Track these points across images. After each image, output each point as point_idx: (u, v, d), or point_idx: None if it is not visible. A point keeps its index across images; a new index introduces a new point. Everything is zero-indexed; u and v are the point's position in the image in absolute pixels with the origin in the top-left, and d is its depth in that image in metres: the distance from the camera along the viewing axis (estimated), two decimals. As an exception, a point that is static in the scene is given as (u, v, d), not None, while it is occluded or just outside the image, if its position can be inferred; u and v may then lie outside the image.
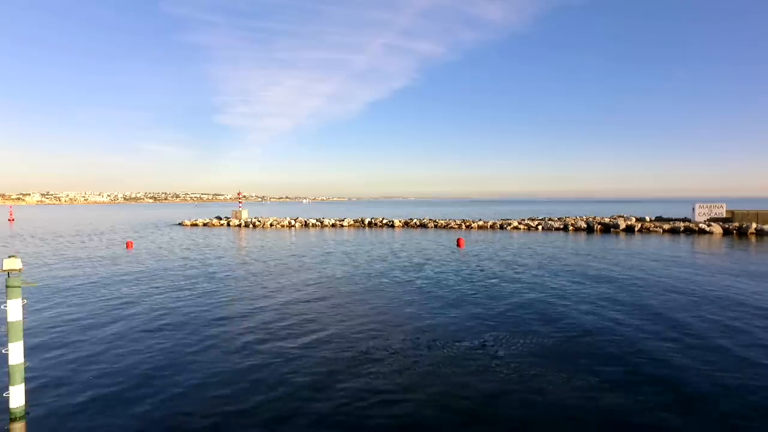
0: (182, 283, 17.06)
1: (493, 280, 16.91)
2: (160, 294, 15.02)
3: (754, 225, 34.99)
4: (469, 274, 18.42)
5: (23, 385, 6.54)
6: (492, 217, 58.84)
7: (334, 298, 14.15)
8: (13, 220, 71.78)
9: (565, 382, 7.65)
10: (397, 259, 22.92)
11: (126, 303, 13.80)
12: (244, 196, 61.21)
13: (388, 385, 7.64)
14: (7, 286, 6.39)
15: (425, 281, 16.85)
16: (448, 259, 22.82)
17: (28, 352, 8.02)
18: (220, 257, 24.74)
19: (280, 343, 9.80)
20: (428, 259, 22.80)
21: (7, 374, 6.51)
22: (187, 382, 7.78)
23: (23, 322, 6.65)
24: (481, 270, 19.35)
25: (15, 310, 6.44)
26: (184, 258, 24.37)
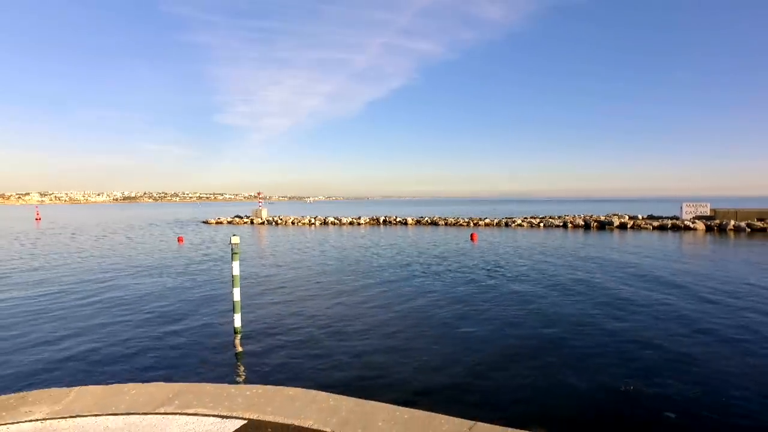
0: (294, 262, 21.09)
1: (510, 265, 20.99)
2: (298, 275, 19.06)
3: (732, 222, 39.20)
4: (486, 260, 22.51)
5: (240, 313, 10.59)
6: (497, 215, 62.99)
7: (405, 281, 18.22)
8: (39, 219, 75.47)
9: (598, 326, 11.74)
10: (428, 250, 27.01)
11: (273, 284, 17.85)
12: (265, 197, 64.85)
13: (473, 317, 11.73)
14: (232, 253, 10.42)
15: (456, 265, 20.93)
16: (466, 251, 26.91)
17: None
18: (302, 251, 28.71)
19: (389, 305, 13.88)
20: (449, 251, 26.89)
21: (232, 306, 10.57)
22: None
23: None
24: (496, 258, 23.43)
25: (236, 267, 10.47)
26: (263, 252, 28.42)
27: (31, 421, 4.81)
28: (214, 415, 4.84)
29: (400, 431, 4.45)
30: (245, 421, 4.72)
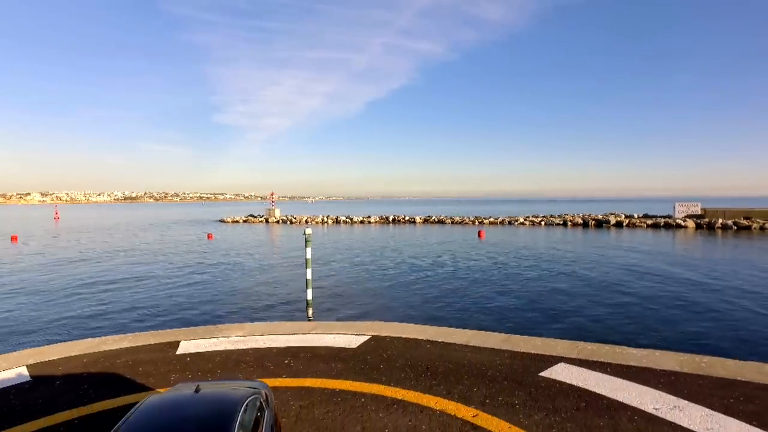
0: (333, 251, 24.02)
1: (515, 255, 23.92)
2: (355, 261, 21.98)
3: (720, 220, 42.16)
4: (495, 252, 25.44)
5: (311, 288, 13.52)
6: (500, 214, 65.95)
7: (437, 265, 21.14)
8: (58, 218, 78.34)
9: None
10: (444, 244, 29.92)
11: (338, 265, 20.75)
12: (274, 197, 67.74)
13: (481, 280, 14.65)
14: (306, 241, 13.34)
15: (470, 254, 23.87)
16: (476, 246, 29.84)
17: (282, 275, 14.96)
18: (353, 246, 31.57)
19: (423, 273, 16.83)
20: (461, 245, 29.82)
21: (305, 283, 13.49)
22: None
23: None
24: (502, 249, 26.36)
25: (308, 252, 13.39)
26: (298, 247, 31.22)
27: (237, 336, 7.73)
28: (349, 334, 7.76)
29: (469, 339, 7.37)
30: (370, 336, 7.64)
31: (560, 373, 5.87)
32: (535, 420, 4.67)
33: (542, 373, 5.87)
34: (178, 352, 6.98)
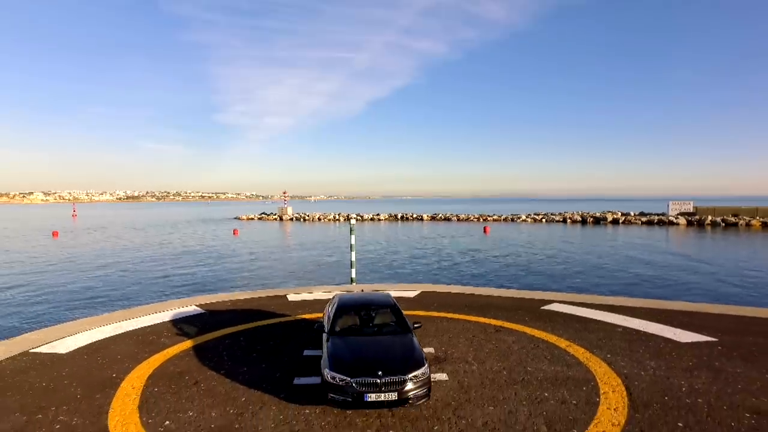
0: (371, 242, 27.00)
1: (519, 245, 26.93)
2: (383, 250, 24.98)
3: (710, 218, 45.17)
4: (501, 243, 28.42)
5: (355, 268, 16.55)
6: (503, 212, 68.97)
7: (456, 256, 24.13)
8: (76, 216, 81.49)
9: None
10: (454, 238, 32.92)
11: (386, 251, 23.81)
12: (290, 197, 70.65)
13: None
14: (350, 230, 16.38)
15: (479, 245, 26.87)
16: (483, 239, 32.85)
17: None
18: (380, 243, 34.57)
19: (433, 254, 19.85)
20: (470, 239, 32.82)
21: (350, 263, 16.54)
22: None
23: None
24: (507, 241, 29.35)
25: (353, 239, 16.42)
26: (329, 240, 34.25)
27: (326, 292, 10.75)
28: (404, 290, 10.77)
29: (492, 292, 10.37)
30: (420, 291, 10.65)
31: (555, 307, 8.89)
32: (538, 324, 7.70)
33: (543, 307, 8.90)
34: (289, 300, 10.00)
